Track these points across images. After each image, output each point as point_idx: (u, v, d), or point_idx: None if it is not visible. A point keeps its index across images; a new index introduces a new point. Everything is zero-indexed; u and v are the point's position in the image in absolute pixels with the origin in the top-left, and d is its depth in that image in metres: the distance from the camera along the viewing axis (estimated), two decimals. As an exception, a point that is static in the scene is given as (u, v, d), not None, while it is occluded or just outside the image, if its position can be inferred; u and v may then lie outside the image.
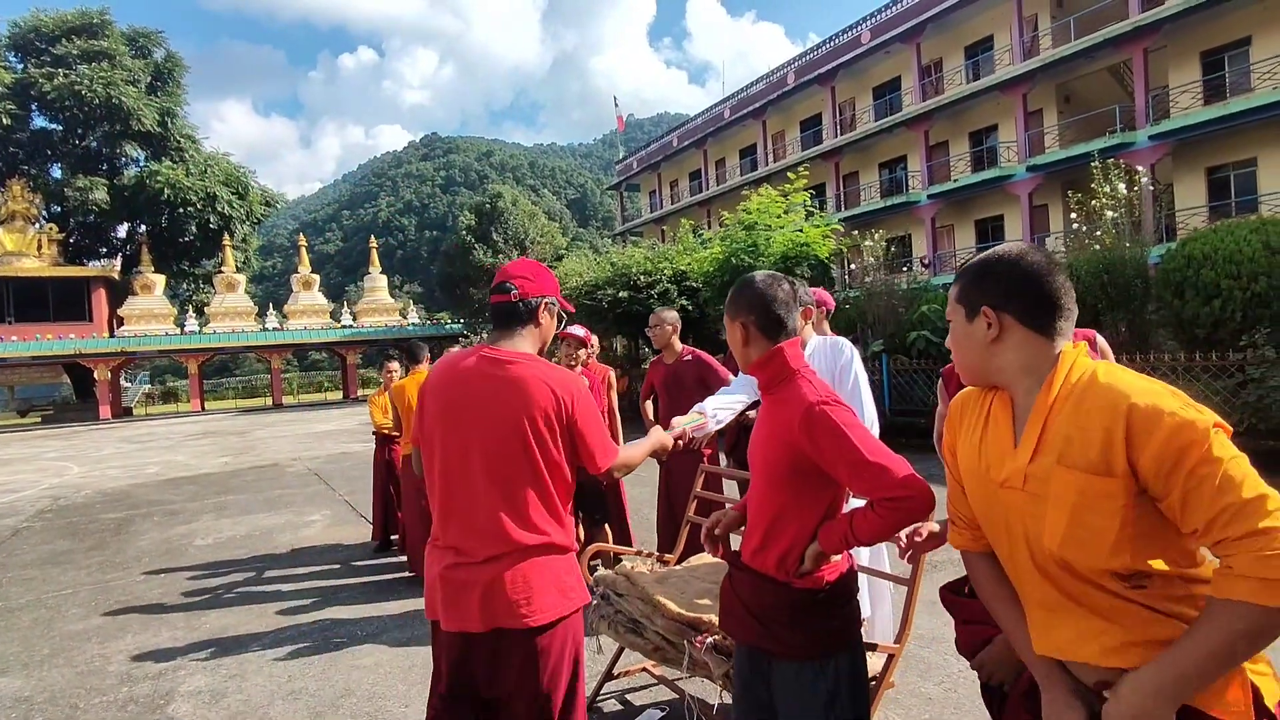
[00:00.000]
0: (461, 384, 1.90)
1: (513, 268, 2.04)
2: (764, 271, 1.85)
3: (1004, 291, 1.27)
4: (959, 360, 1.37)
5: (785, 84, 31.57)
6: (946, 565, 4.75)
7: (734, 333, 1.81)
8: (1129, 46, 20.03)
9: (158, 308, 32.25)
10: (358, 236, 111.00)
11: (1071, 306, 1.26)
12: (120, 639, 4.39)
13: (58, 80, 31.30)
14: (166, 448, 17.17)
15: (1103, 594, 1.17)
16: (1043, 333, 1.25)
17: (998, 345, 1.28)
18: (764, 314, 1.76)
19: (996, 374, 1.31)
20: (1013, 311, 1.26)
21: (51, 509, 9.35)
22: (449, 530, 1.88)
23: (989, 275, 1.30)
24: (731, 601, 1.81)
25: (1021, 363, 1.27)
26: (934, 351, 10.14)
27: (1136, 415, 1.10)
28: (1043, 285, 1.25)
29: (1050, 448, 1.19)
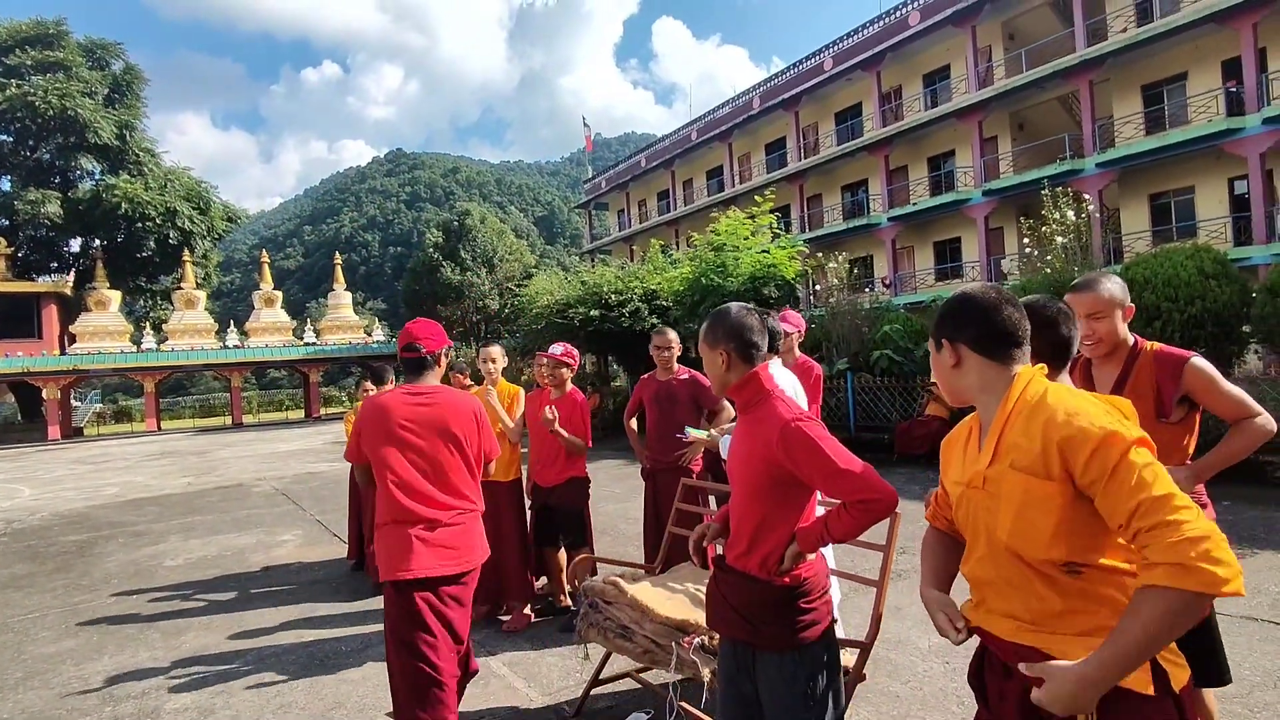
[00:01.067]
0: (406, 411, 2.75)
1: (415, 329, 2.89)
2: (738, 304, 2.06)
3: (957, 325, 1.49)
4: (939, 383, 1.59)
5: (751, 108, 32.31)
6: (910, 574, 4.98)
7: (715, 359, 2.00)
8: (1076, 78, 21.05)
9: (112, 324, 31.36)
10: (320, 252, 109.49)
11: (1020, 335, 1.45)
12: (97, 660, 4.36)
13: (10, 90, 30.53)
14: (124, 468, 16.72)
15: (1040, 579, 1.36)
16: (993, 358, 1.45)
17: (958, 371, 1.49)
18: (741, 341, 1.96)
19: (964, 394, 1.53)
20: (966, 341, 1.47)
21: (5, 533, 9.09)
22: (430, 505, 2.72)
23: (949, 312, 1.52)
24: (718, 602, 1.97)
25: (979, 384, 1.47)
26: (896, 370, 10.49)
27: (1071, 429, 1.30)
28: (989, 318, 1.45)
29: (1004, 454, 1.40)
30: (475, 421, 2.85)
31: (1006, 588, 1.43)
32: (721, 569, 1.99)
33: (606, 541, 6.39)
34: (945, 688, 3.33)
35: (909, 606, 4.32)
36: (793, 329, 4.32)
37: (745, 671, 1.91)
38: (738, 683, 1.94)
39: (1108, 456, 1.26)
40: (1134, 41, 19.50)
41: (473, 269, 40.19)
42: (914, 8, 25.46)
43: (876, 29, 26.81)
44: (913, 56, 26.40)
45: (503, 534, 4.52)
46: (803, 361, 4.28)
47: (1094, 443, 1.27)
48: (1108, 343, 2.30)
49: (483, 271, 40.49)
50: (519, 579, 4.56)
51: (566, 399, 4.56)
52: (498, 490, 4.57)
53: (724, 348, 1.97)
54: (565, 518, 4.61)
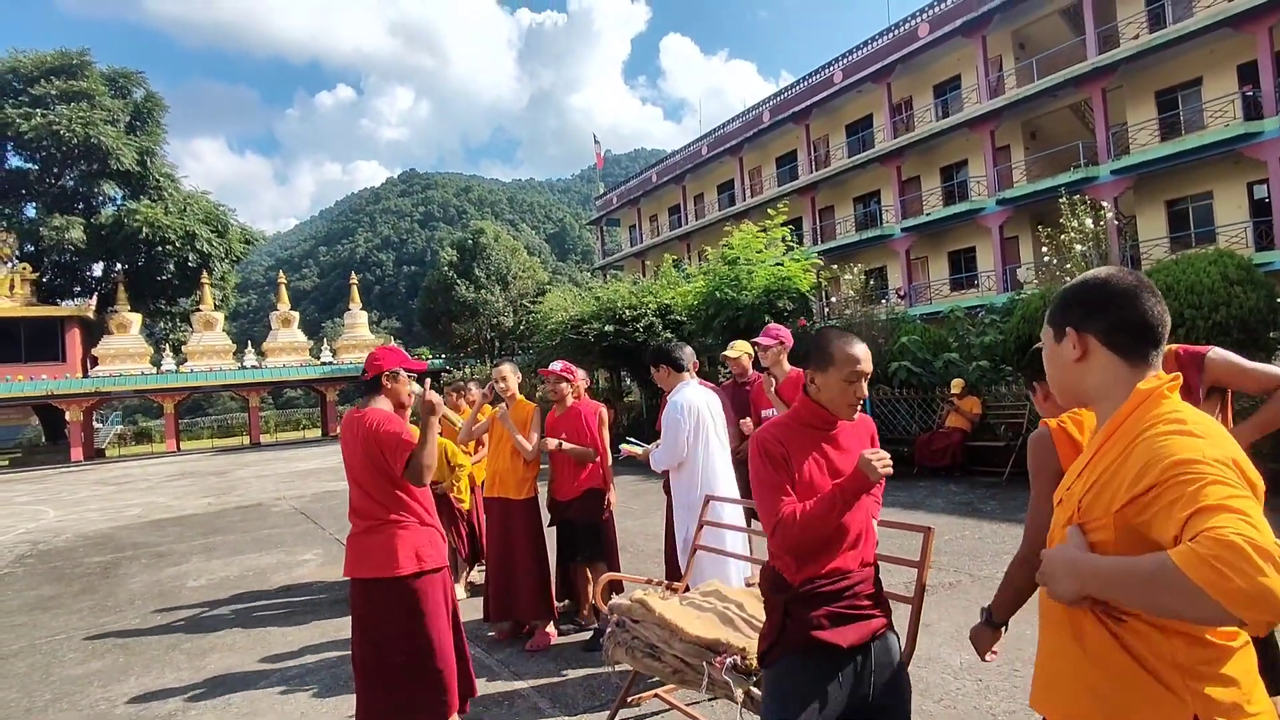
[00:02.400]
0: (343, 429, 3.19)
1: (370, 356, 3.22)
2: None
3: (1087, 312, 1.25)
4: (1052, 381, 1.36)
5: (761, 122, 32.43)
6: (940, 589, 4.90)
7: None
8: (1088, 86, 20.97)
9: (133, 347, 31.84)
10: (335, 273, 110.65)
11: (1162, 332, 1.22)
12: (123, 682, 4.37)
13: (35, 120, 31.24)
14: (146, 489, 16.88)
15: (1089, 620, 1.19)
16: (1125, 356, 1.22)
17: (1082, 366, 1.27)
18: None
19: (1084, 395, 1.30)
20: (1094, 332, 1.24)
21: (32, 554, 9.18)
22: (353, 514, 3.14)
23: (1078, 295, 1.29)
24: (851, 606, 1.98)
25: (1102, 386, 1.25)
26: (915, 381, 10.40)
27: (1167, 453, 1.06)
28: (1127, 306, 1.22)
29: (1085, 481, 1.21)
30: (379, 437, 3.00)
31: (1056, 625, 1.28)
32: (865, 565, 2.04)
33: (626, 558, 6.34)
34: (979, 705, 3.26)
35: (939, 623, 4.25)
36: (771, 342, 4.35)
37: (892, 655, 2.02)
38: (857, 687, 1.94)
39: (1185, 481, 1.02)
40: (1147, 48, 19.41)
41: (487, 286, 40.45)
42: (923, 19, 25.52)
43: (886, 41, 26.89)
44: (923, 67, 26.42)
45: (514, 551, 4.50)
46: (795, 375, 4.24)
47: (1180, 468, 1.03)
48: None
49: (496, 289, 40.74)
50: (533, 597, 4.48)
51: (570, 413, 4.58)
52: (511, 508, 4.57)
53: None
54: (583, 531, 4.59)
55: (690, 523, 3.82)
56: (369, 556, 3.02)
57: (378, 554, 3.00)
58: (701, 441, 3.86)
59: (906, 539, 5.29)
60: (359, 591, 3.07)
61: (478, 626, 4.79)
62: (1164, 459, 1.06)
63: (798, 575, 1.95)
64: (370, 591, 3.02)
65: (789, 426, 2.04)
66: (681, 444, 3.81)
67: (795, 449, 1.98)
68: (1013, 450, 8.73)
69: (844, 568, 1.96)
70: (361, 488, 3.09)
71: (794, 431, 2.03)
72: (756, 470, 1.98)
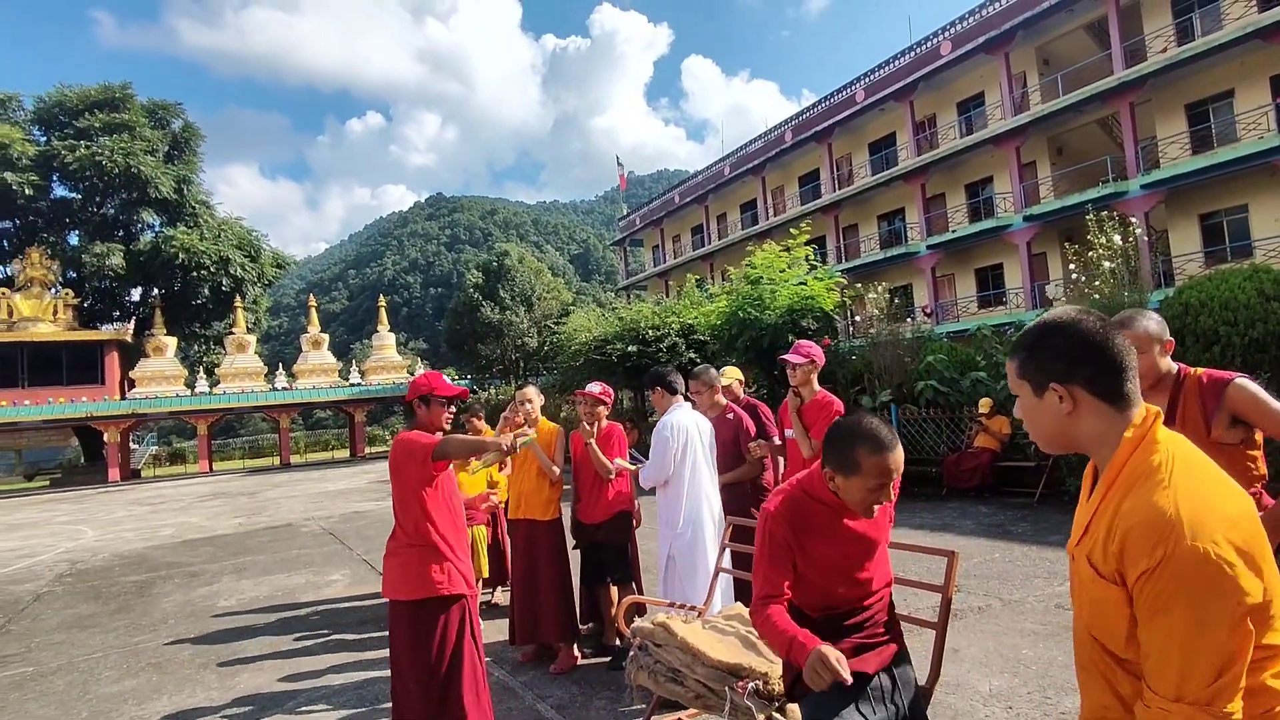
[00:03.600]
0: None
1: (416, 378, 3.34)
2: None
3: (1068, 364, 1.24)
4: (1033, 432, 1.33)
5: (783, 141, 32.55)
6: (968, 614, 4.82)
7: None
8: (1115, 101, 20.76)
9: (169, 369, 32.62)
10: (364, 295, 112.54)
11: (1134, 365, 1.24)
12: (156, 700, 4.45)
13: (79, 151, 32.41)
14: (179, 509, 17.20)
15: (1123, 673, 1.17)
16: (1112, 401, 1.22)
17: (1074, 418, 1.25)
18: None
19: (1077, 445, 1.29)
20: (1080, 383, 1.23)
21: (70, 573, 9.40)
22: None
23: (1048, 347, 1.27)
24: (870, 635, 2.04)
25: (1096, 434, 1.24)
26: (942, 400, 10.28)
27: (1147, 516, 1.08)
28: (1104, 351, 1.22)
29: (1090, 537, 1.20)
30: (399, 460, 3.14)
31: (1090, 672, 1.24)
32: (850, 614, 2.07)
33: (649, 580, 6.31)
34: (1010, 734, 3.19)
35: (967, 648, 4.17)
36: (802, 360, 4.03)
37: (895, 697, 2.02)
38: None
39: (1166, 581, 1.03)
40: (1176, 61, 19.19)
41: (512, 308, 40.87)
42: (945, 37, 25.52)
43: (908, 59, 26.91)
44: (946, 85, 26.37)
45: (539, 573, 4.51)
46: (821, 397, 4.05)
47: (1164, 553, 1.03)
48: (1149, 377, 2.37)
49: (521, 310, 41.14)
50: (557, 619, 4.48)
51: (603, 435, 4.57)
52: (535, 529, 4.59)
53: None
54: (611, 554, 4.59)
55: (673, 540, 3.89)
56: (391, 577, 3.19)
57: (397, 575, 3.16)
58: (689, 463, 3.93)
59: (933, 562, 5.21)
60: (389, 610, 3.23)
61: (502, 649, 4.81)
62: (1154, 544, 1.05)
63: (817, 610, 1.96)
64: (393, 611, 3.18)
65: (800, 502, 2.00)
66: (668, 463, 3.90)
67: (803, 527, 1.97)
68: (1044, 471, 8.56)
69: (861, 598, 1.97)
70: (395, 509, 3.24)
71: (804, 507, 2.00)
72: (759, 542, 2.02)
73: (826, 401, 4.03)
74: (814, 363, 4.07)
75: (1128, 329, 2.33)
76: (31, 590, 8.38)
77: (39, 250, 32.25)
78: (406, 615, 3.12)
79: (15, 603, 7.73)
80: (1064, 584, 5.11)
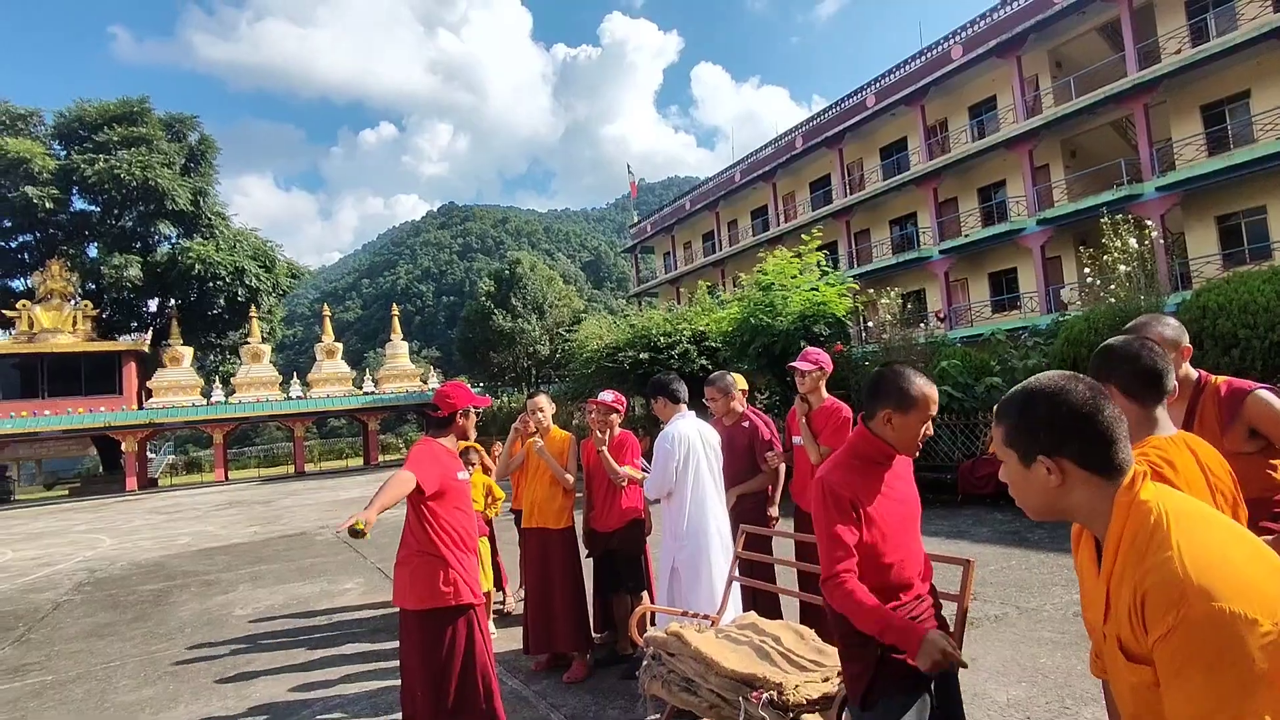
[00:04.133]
0: None
1: (441, 389, 3.43)
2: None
3: (1056, 436, 1.20)
4: (1020, 500, 1.29)
5: (794, 147, 32.53)
6: (984, 622, 4.76)
7: None
8: (1129, 103, 20.59)
9: (185, 379, 32.95)
10: (377, 304, 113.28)
11: (1123, 434, 1.20)
12: (173, 709, 4.48)
13: (98, 165, 32.89)
14: (195, 518, 17.35)
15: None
16: (1103, 472, 1.18)
17: (1063, 490, 1.21)
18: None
19: (1067, 515, 1.26)
20: (1069, 455, 1.19)
21: (89, 582, 9.49)
22: None
23: (1035, 418, 1.23)
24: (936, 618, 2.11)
25: (1088, 506, 1.21)
26: (956, 406, 10.20)
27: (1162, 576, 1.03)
28: (1094, 423, 1.18)
29: (1114, 618, 1.14)
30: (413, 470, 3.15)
31: None
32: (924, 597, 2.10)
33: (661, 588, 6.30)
34: (1029, 745, 3.15)
35: (984, 657, 4.12)
36: (810, 367, 4.05)
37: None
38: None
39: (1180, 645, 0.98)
40: (1191, 62, 19.02)
41: (523, 316, 41.00)
42: (956, 42, 25.45)
43: (919, 64, 26.86)
44: (957, 89, 26.28)
45: (552, 581, 4.51)
46: (830, 404, 4.05)
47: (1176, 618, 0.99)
48: None
49: (533, 318, 41.26)
50: (571, 628, 4.47)
51: (615, 443, 4.57)
52: (549, 538, 4.58)
53: None
54: (625, 562, 4.58)
55: (677, 552, 3.84)
56: (400, 585, 3.23)
57: (405, 585, 3.19)
58: (692, 472, 3.86)
59: (949, 570, 5.15)
60: (400, 619, 3.28)
61: (515, 658, 4.80)
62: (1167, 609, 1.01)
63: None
64: (402, 621, 3.23)
65: (851, 466, 2.05)
66: (670, 474, 3.83)
67: (862, 489, 2.01)
68: (1061, 477, 8.46)
69: (909, 581, 2.03)
70: (406, 519, 3.29)
71: (856, 471, 2.05)
72: (820, 515, 1.99)
73: (835, 408, 4.04)
74: (822, 370, 4.09)
75: (1144, 334, 2.30)
76: (51, 599, 8.47)
77: (59, 262, 32.72)
78: (416, 624, 3.14)
79: (35, 611, 7.82)
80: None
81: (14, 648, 6.33)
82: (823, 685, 2.34)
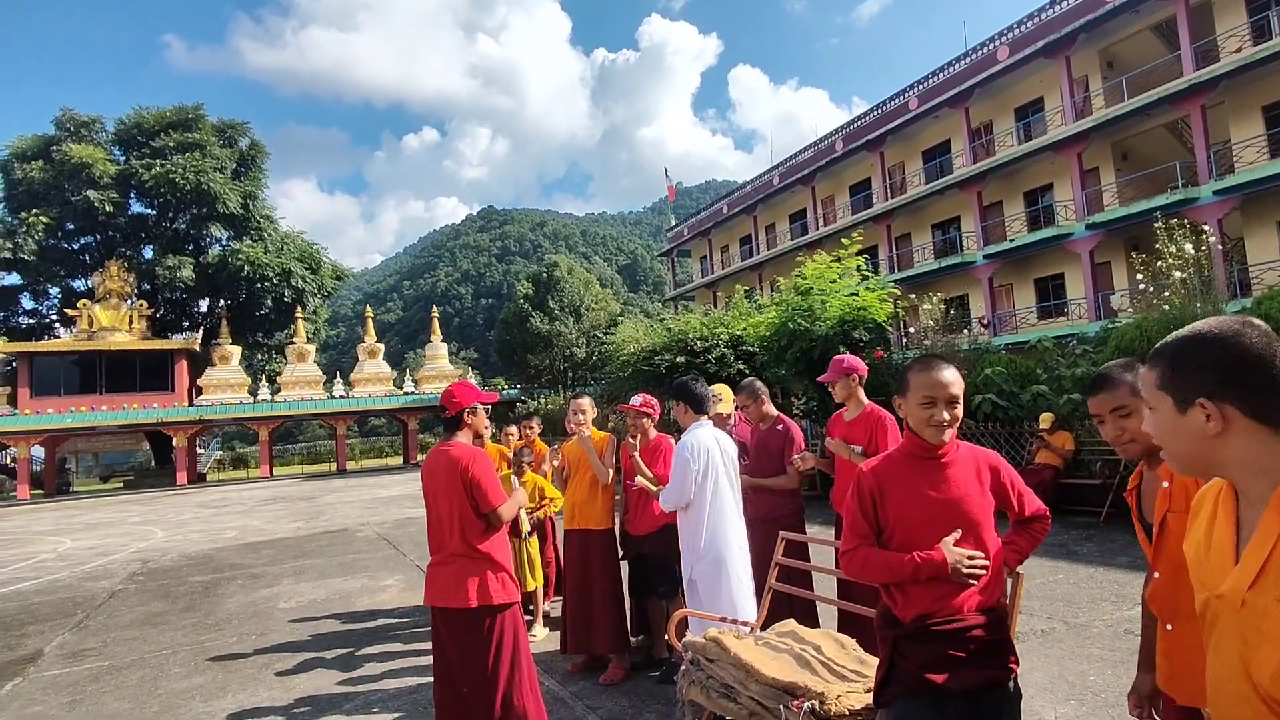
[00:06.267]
0: (427, 463, 3.39)
1: (446, 391, 3.41)
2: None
3: (1221, 379, 1.10)
4: (1167, 450, 1.21)
5: (834, 150, 32.20)
6: (1030, 637, 4.65)
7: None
8: (1185, 104, 19.91)
9: (234, 377, 33.97)
10: (417, 305, 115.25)
11: None
12: (221, 698, 4.61)
13: (155, 170, 34.19)
14: (241, 513, 17.85)
15: None
16: (1273, 424, 1.07)
17: (1221, 440, 1.11)
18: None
19: (1219, 470, 1.16)
20: (1234, 401, 1.09)
21: (142, 572, 9.84)
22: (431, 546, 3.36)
23: (1198, 359, 1.13)
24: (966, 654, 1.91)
25: (1249, 461, 1.09)
26: (1001, 415, 9.98)
27: None
28: (1267, 370, 1.07)
29: (1275, 578, 1.03)
30: (474, 482, 3.19)
31: None
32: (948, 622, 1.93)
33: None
34: (1078, 765, 3.06)
35: (1031, 673, 4.02)
36: (837, 375, 4.08)
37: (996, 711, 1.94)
38: None
39: None
40: (1252, 61, 18.31)
41: (560, 318, 41.29)
42: (1002, 42, 24.92)
43: (963, 65, 26.37)
44: (1003, 91, 25.72)
45: (592, 583, 4.53)
46: (870, 410, 4.02)
47: None
48: None
49: (570, 321, 41.52)
50: (609, 629, 4.49)
51: (650, 448, 4.57)
52: (590, 539, 4.61)
53: None
54: (656, 567, 4.58)
55: (695, 564, 3.72)
56: (444, 587, 3.20)
57: (452, 585, 3.18)
58: (710, 484, 3.74)
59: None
60: (436, 620, 3.27)
61: (551, 659, 4.84)
62: None
63: (907, 612, 1.93)
64: (445, 620, 3.21)
65: (893, 457, 2.11)
66: (689, 486, 3.71)
67: (892, 482, 2.03)
68: (1109, 489, 8.22)
69: (959, 608, 1.92)
70: (444, 521, 3.26)
71: (896, 463, 2.07)
72: (849, 499, 2.10)
73: (877, 415, 3.98)
74: (857, 375, 4.05)
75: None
76: (107, 587, 8.80)
77: (117, 263, 34.06)
78: (458, 623, 3.16)
79: (93, 599, 8.13)
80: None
81: (73, 633, 6.59)
82: (865, 696, 2.31)
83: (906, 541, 1.97)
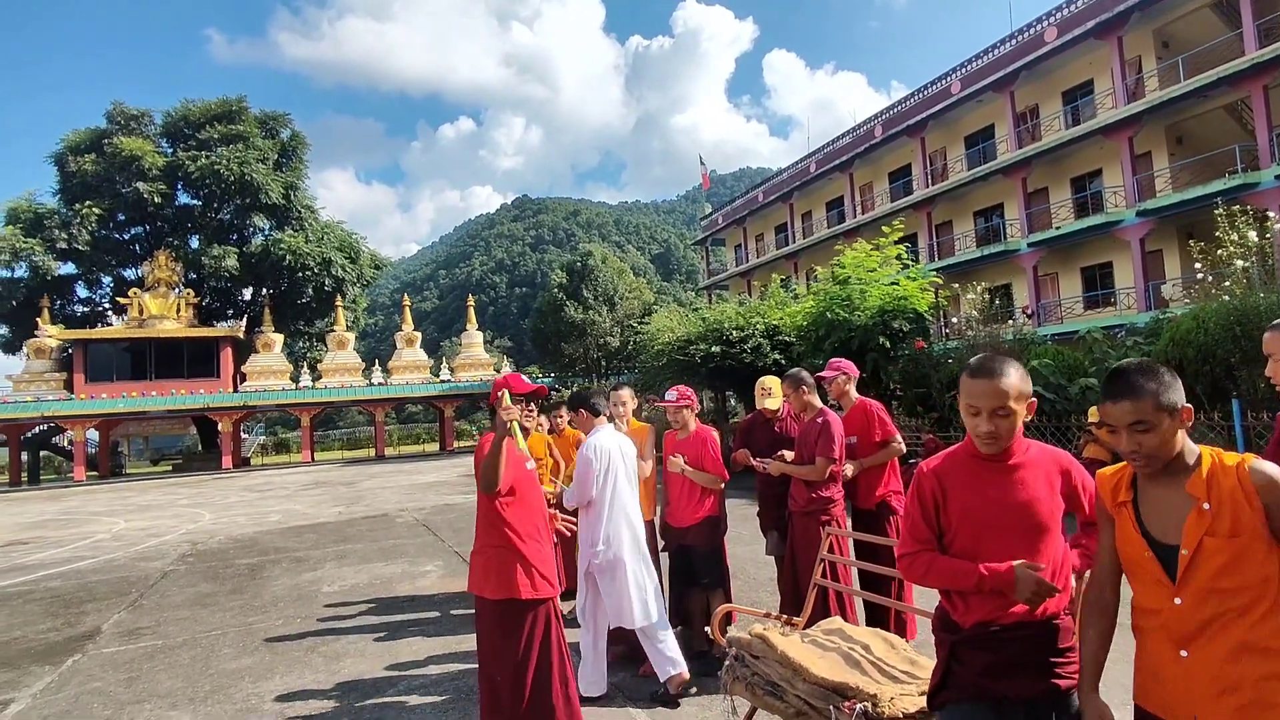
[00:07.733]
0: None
1: (497, 382, 3.33)
2: None
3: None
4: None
5: (873, 136, 31.57)
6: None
7: None
8: (1247, 84, 19.05)
9: (276, 364, 34.78)
10: (453, 294, 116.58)
11: None
12: (269, 679, 4.73)
13: (201, 161, 35.01)
14: (284, 497, 18.29)
15: None
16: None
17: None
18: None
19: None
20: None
21: (192, 554, 10.14)
22: None
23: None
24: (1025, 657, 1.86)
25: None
26: (1047, 408, 9.71)
27: None
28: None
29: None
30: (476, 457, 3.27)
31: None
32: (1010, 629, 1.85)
33: (738, 585, 6.23)
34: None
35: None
36: (832, 373, 4.61)
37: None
38: None
39: None
40: (1318, 39, 17.43)
41: (594, 307, 41.36)
42: (1050, 23, 24.09)
43: (1008, 48, 25.57)
44: (1050, 73, 24.91)
45: None
46: (861, 403, 4.58)
47: None
48: None
49: (604, 310, 41.57)
50: None
51: (694, 438, 4.57)
52: None
53: None
54: (702, 559, 4.56)
55: (593, 559, 4.01)
56: (476, 574, 3.30)
57: (480, 573, 3.26)
58: (610, 484, 4.04)
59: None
60: (476, 606, 3.34)
61: (591, 648, 4.84)
62: None
63: (968, 618, 1.87)
64: (480, 608, 3.29)
65: (956, 456, 2.00)
66: (590, 485, 4.00)
67: (955, 482, 1.94)
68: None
69: (1020, 614, 1.85)
70: (478, 511, 3.35)
71: (959, 462, 1.97)
72: (908, 500, 2.04)
73: (865, 405, 4.56)
74: (848, 375, 4.60)
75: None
76: (159, 568, 9.09)
77: (165, 253, 35.05)
78: (491, 613, 3.20)
79: (146, 579, 8.41)
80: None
81: (128, 612, 6.83)
82: (919, 699, 2.25)
83: (970, 546, 1.89)
